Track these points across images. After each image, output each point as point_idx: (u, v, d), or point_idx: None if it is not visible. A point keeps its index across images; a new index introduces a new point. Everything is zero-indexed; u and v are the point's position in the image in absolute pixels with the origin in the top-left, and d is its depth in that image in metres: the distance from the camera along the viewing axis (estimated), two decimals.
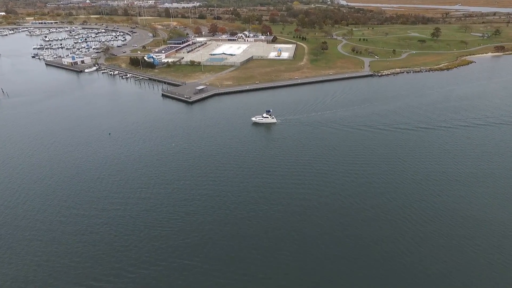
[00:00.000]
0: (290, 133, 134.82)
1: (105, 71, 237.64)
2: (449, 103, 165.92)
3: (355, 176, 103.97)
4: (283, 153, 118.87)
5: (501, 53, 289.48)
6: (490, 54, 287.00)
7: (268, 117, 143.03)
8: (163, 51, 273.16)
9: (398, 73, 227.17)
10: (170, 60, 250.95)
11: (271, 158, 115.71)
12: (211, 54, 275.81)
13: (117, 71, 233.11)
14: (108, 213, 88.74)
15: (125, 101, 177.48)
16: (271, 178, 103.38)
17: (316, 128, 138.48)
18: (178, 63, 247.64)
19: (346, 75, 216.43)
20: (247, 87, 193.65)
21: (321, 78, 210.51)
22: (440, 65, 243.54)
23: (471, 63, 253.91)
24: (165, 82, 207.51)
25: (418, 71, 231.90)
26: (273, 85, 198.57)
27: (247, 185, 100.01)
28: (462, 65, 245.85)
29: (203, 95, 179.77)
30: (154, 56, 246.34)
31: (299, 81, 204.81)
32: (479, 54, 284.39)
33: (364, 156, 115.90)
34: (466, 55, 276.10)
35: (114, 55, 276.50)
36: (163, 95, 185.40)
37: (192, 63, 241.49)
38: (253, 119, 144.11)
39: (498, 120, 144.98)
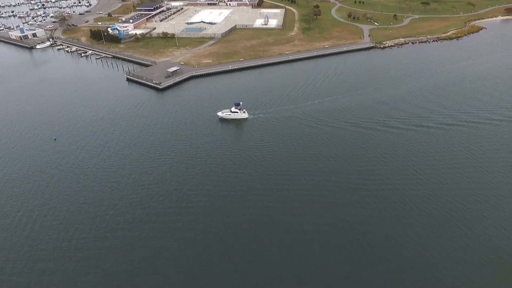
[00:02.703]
0: (263, 133, 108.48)
1: (61, 47, 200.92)
2: (465, 84, 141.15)
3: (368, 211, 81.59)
4: (250, 164, 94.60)
5: (511, 16, 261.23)
6: (500, 17, 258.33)
7: (237, 112, 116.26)
8: (131, 21, 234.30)
9: (402, 44, 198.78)
10: (139, 32, 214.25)
11: (237, 171, 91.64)
12: (187, 23, 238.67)
13: (75, 47, 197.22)
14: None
15: (81, 89, 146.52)
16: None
17: (303, 125, 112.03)
18: (148, 35, 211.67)
19: (345, 48, 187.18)
20: (230, 67, 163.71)
21: (315, 53, 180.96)
22: (448, 33, 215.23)
23: (481, 29, 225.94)
24: (132, 61, 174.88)
25: (424, 41, 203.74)
26: (260, 63, 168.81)
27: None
28: (472, 33, 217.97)
29: (176, 79, 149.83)
30: (119, 28, 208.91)
31: (290, 57, 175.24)
32: (488, 18, 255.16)
33: (370, 173, 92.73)
34: (475, 19, 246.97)
35: (74, 25, 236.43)
36: (128, 79, 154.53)
37: (165, 36, 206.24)
38: (219, 114, 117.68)
39: None
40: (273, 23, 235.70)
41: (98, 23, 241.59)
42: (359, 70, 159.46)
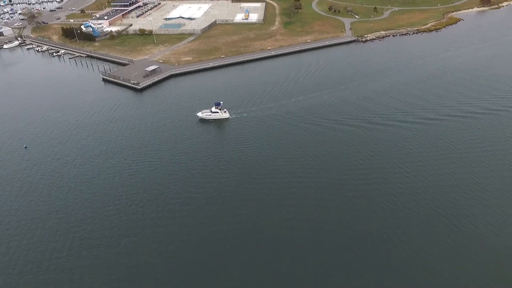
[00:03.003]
0: (245, 133, 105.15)
1: (31, 46, 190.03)
2: (446, 77, 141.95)
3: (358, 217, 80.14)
4: (231, 166, 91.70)
5: (486, 8, 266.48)
6: (476, 9, 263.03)
7: (218, 112, 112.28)
8: (105, 17, 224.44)
9: (383, 37, 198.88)
10: (114, 29, 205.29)
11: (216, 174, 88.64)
12: (165, 19, 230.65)
13: (46, 47, 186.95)
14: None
15: (53, 91, 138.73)
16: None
17: (287, 123, 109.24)
18: (124, 32, 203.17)
19: (327, 42, 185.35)
20: (211, 64, 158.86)
21: (298, 48, 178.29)
22: (428, 25, 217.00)
23: (459, 21, 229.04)
24: (107, 60, 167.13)
25: (404, 34, 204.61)
26: (241, 59, 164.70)
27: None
28: (450, 24, 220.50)
29: (155, 79, 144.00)
30: (92, 25, 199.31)
31: (272, 53, 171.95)
32: (464, 9, 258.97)
33: (358, 170, 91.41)
34: (452, 11, 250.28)
35: (44, 23, 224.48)
36: (104, 80, 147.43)
37: (142, 33, 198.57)
38: (199, 114, 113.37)
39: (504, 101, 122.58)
40: (253, 17, 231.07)
41: (71, 20, 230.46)
42: (342, 65, 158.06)
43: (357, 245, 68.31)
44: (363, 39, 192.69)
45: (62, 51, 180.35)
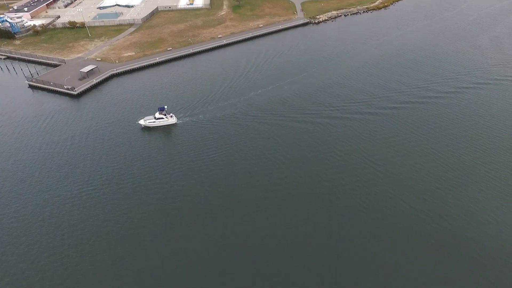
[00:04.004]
0: (197, 140, 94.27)
1: None
2: (405, 56, 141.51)
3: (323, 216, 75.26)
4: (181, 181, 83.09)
5: None
6: None
7: (163, 117, 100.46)
8: (25, 9, 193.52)
9: (335, 17, 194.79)
10: (38, 22, 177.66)
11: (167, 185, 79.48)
12: (99, 8, 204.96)
13: None
14: None
15: None
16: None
17: (247, 123, 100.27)
18: (51, 26, 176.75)
19: (280, 26, 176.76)
20: (157, 59, 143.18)
21: (250, 34, 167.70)
22: (376, 3, 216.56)
23: None
24: (33, 62, 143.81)
25: (355, 13, 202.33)
26: (191, 51, 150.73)
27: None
28: (397, 1, 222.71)
29: (94, 81, 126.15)
30: (9, 20, 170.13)
31: (224, 41, 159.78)
32: None
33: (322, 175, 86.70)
34: None
35: None
36: (31, 86, 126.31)
37: (73, 25, 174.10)
38: (142, 122, 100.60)
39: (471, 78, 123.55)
40: (199, 2, 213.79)
41: None
42: (298, 50, 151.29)
43: (335, 250, 63.80)
44: (316, 21, 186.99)
45: None
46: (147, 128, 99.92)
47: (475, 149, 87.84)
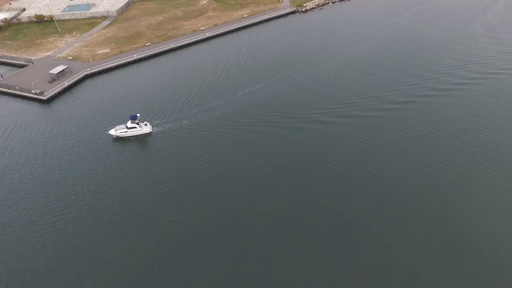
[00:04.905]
0: (177, 152, 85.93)
1: None
2: (397, 48, 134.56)
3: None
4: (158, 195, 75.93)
5: None
6: None
7: (135, 127, 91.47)
8: None
9: (323, 5, 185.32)
10: (0, 17, 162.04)
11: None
12: None
13: None
14: None
15: None
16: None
17: (235, 129, 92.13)
18: (15, 20, 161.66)
19: (266, 16, 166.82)
20: (135, 56, 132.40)
21: (234, 25, 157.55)
22: None
23: None
24: None
25: (343, 0, 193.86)
26: (172, 46, 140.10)
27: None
28: None
29: (65, 83, 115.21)
30: None
31: (207, 34, 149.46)
32: None
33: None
34: None
35: None
36: None
37: (41, 19, 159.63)
38: (112, 132, 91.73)
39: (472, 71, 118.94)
40: None
41: None
42: (286, 42, 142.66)
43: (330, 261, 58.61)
44: (303, 9, 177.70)
45: None
46: (119, 139, 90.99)
47: (481, 152, 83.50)
